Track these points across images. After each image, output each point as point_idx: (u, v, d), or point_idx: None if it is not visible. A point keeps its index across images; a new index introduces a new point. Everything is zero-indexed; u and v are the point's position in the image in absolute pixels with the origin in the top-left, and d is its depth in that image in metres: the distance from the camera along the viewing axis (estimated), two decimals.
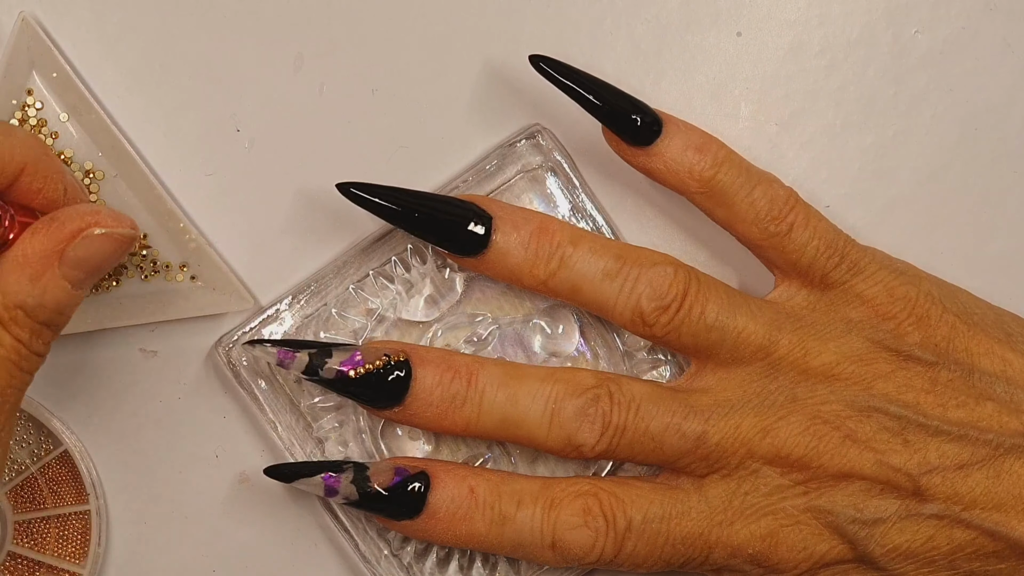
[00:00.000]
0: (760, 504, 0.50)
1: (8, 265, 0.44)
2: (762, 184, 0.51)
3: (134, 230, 0.46)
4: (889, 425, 0.50)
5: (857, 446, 0.49)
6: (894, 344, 0.50)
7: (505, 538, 0.50)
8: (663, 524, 0.50)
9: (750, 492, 0.50)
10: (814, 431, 0.49)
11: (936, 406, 0.50)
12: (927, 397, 0.50)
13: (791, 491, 0.50)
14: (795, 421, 0.50)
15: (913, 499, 0.49)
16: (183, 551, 0.55)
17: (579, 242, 0.50)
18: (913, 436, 0.50)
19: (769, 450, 0.50)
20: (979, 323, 0.51)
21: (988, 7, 0.55)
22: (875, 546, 0.49)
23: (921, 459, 0.49)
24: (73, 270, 0.45)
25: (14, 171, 0.45)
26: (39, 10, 0.54)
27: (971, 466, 0.50)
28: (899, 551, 0.50)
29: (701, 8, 0.55)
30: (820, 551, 0.50)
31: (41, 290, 0.44)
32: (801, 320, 0.51)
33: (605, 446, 0.50)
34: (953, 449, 0.50)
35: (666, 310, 0.50)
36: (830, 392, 0.50)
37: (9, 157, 0.44)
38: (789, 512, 0.50)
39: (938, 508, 0.49)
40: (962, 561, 0.50)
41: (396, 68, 0.54)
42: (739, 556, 0.50)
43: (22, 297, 0.44)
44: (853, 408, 0.50)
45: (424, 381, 0.50)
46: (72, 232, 0.45)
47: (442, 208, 0.50)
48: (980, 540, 0.50)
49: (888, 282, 0.51)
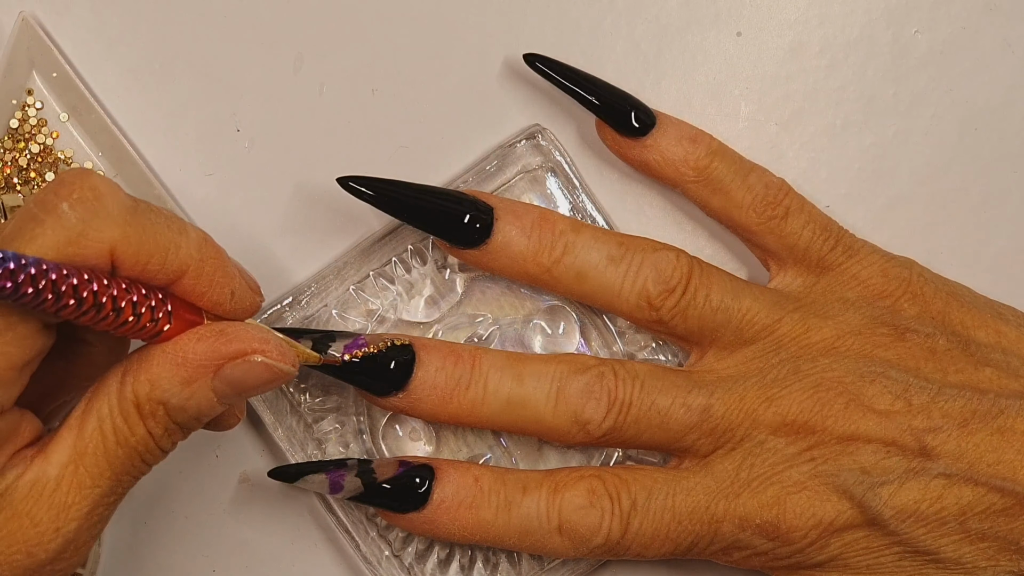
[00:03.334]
0: (767, 474, 0.50)
1: (164, 360, 0.44)
2: (756, 171, 0.52)
3: (294, 368, 0.45)
4: (892, 388, 0.50)
5: (861, 409, 0.50)
6: (891, 319, 0.51)
7: (512, 525, 0.50)
8: (668, 500, 0.50)
9: (756, 463, 0.50)
10: (818, 397, 0.50)
11: (936, 371, 0.51)
12: (927, 364, 0.51)
13: (797, 459, 0.50)
14: (799, 388, 0.50)
15: (919, 458, 0.50)
16: (183, 551, 0.55)
17: (581, 230, 0.51)
18: (916, 398, 0.50)
19: (774, 418, 0.50)
20: (971, 303, 0.52)
21: (988, 7, 0.55)
22: (883, 507, 0.49)
23: (925, 419, 0.50)
24: (224, 385, 0.44)
25: (176, 271, 0.44)
26: (39, 10, 0.54)
27: (974, 424, 0.50)
28: (908, 512, 0.50)
29: (701, 8, 0.55)
30: (829, 516, 0.50)
31: (188, 395, 0.44)
32: (800, 301, 0.52)
33: (611, 422, 0.50)
34: (956, 408, 0.50)
35: (672, 292, 0.50)
36: (832, 362, 0.50)
37: (173, 257, 0.43)
38: (796, 479, 0.50)
39: (944, 466, 0.50)
40: (973, 521, 0.50)
41: (396, 68, 0.54)
42: (748, 528, 0.50)
43: (169, 395, 0.44)
44: (855, 375, 0.50)
45: (428, 364, 0.50)
46: (236, 352, 0.44)
47: (443, 200, 0.51)
48: (989, 497, 0.50)
49: (882, 264, 0.52)
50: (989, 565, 0.50)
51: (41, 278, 0.39)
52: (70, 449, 0.43)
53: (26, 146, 0.53)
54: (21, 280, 0.39)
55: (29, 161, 0.53)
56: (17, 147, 0.54)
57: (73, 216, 0.41)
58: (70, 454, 0.43)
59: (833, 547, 0.50)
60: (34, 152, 0.53)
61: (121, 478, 0.44)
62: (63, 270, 0.40)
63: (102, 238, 0.42)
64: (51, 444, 0.43)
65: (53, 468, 0.43)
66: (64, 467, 0.43)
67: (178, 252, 0.43)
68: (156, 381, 0.43)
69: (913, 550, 0.50)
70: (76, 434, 0.43)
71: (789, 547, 0.50)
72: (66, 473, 0.43)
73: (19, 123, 0.53)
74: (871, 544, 0.50)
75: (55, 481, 0.43)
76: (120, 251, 0.42)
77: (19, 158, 0.53)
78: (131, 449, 0.44)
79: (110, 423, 0.43)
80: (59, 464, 0.43)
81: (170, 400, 0.44)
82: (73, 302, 0.41)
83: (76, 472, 0.43)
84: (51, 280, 0.40)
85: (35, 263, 0.39)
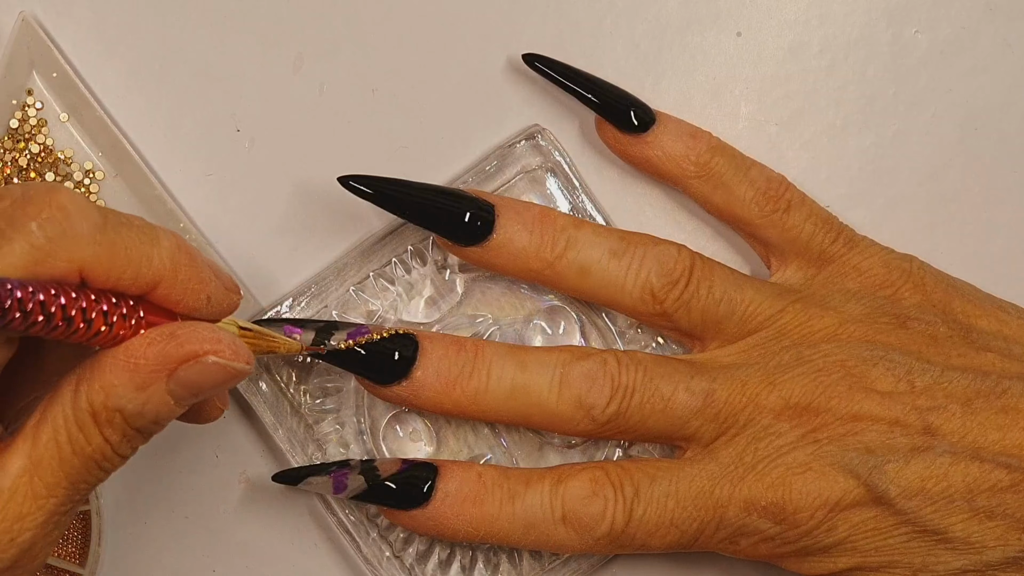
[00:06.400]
0: (771, 457, 0.50)
1: (116, 367, 0.43)
2: (756, 166, 0.53)
3: (249, 365, 0.44)
4: (895, 371, 0.50)
5: (864, 390, 0.50)
6: (893, 309, 0.51)
7: (516, 517, 0.50)
8: (672, 486, 0.50)
9: (760, 447, 0.50)
10: (821, 380, 0.50)
11: (938, 355, 0.51)
12: (929, 349, 0.51)
13: (801, 441, 0.50)
14: (802, 372, 0.50)
15: (923, 436, 0.50)
16: (183, 551, 0.55)
17: (582, 226, 0.51)
18: (919, 380, 0.50)
19: (777, 402, 0.50)
20: (972, 295, 0.53)
21: (988, 7, 0.55)
22: (889, 485, 0.49)
23: (928, 398, 0.50)
24: (180, 388, 0.43)
25: (148, 283, 0.43)
26: (39, 10, 0.53)
27: (978, 402, 0.50)
28: (914, 490, 0.49)
29: (701, 8, 0.55)
30: (835, 495, 0.50)
31: (144, 400, 0.43)
32: (802, 292, 0.52)
33: (615, 408, 0.50)
34: (959, 387, 0.50)
35: (675, 285, 0.51)
36: (835, 347, 0.51)
37: (146, 270, 0.43)
38: (801, 460, 0.50)
39: (949, 444, 0.50)
40: (980, 499, 0.50)
41: (396, 68, 0.54)
42: (753, 511, 0.50)
43: (124, 402, 0.43)
44: (858, 359, 0.50)
45: (431, 353, 0.50)
46: (189, 354, 0.43)
47: (444, 198, 0.51)
48: (996, 474, 0.50)
49: (883, 255, 0.52)
50: (998, 544, 0.50)
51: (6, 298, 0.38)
52: (25, 459, 0.42)
53: (26, 146, 0.53)
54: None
55: (29, 161, 0.53)
56: (17, 147, 0.54)
57: (41, 236, 0.40)
58: (24, 464, 0.42)
59: (841, 529, 0.50)
60: (34, 152, 0.53)
61: (78, 487, 0.43)
62: (28, 288, 0.39)
63: (71, 257, 0.41)
64: (5, 454, 0.42)
65: (7, 479, 0.42)
66: (19, 477, 0.42)
67: (150, 264, 0.43)
68: (110, 388, 0.43)
69: (922, 529, 0.50)
70: (31, 444, 0.42)
71: (796, 530, 0.50)
72: (20, 484, 0.42)
73: (19, 123, 0.53)
74: (879, 525, 0.50)
75: (9, 492, 0.42)
76: (90, 269, 0.41)
77: (19, 158, 0.53)
78: (87, 458, 0.43)
79: (65, 433, 0.43)
80: (13, 475, 0.42)
81: (126, 407, 0.43)
82: (42, 319, 0.40)
83: (31, 483, 0.42)
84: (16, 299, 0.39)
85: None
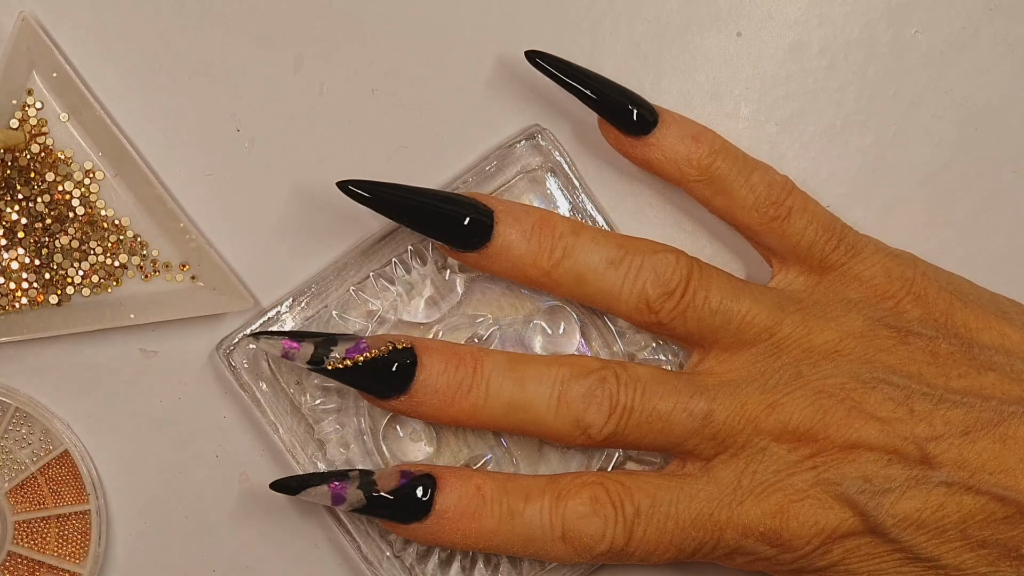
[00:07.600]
0: (769, 481, 0.50)
1: None
2: (759, 170, 0.52)
3: None
4: (894, 395, 0.50)
5: (863, 416, 0.50)
6: (894, 321, 0.51)
7: (515, 534, 0.50)
8: (672, 507, 0.50)
9: (758, 470, 0.50)
10: (820, 404, 0.50)
11: (939, 376, 0.50)
12: (929, 368, 0.50)
13: (799, 467, 0.50)
14: (801, 396, 0.50)
15: (921, 467, 0.50)
16: (183, 551, 0.55)
17: (581, 232, 0.51)
18: (918, 405, 0.50)
19: (776, 425, 0.50)
20: (975, 301, 0.52)
21: (988, 7, 0.55)
22: (885, 516, 0.49)
23: (927, 427, 0.50)
24: None
25: None
26: (39, 10, 0.53)
27: (977, 432, 0.50)
28: (910, 520, 0.50)
29: (701, 8, 0.55)
30: (831, 524, 0.50)
31: None
32: (802, 302, 0.51)
33: (613, 427, 0.50)
34: (958, 416, 0.50)
35: (671, 295, 0.50)
36: (834, 367, 0.50)
37: None
38: (798, 487, 0.50)
39: (946, 475, 0.50)
40: (974, 529, 0.50)
41: (396, 68, 0.54)
42: (751, 535, 0.50)
43: None
44: (858, 381, 0.50)
45: (430, 368, 0.50)
46: None
47: (443, 203, 0.50)
48: (990, 506, 0.50)
49: (885, 263, 0.52)
50: (990, 571, 0.50)
51: None
52: None
53: (26, 146, 0.53)
54: None
55: (29, 161, 0.53)
56: None
57: None
58: None
59: (835, 553, 0.50)
60: (34, 152, 0.53)
61: None
62: None
63: None
64: None
65: None
66: None
67: None
68: None
69: (914, 557, 0.50)
70: None
71: (791, 553, 0.50)
72: None
73: (19, 123, 0.53)
74: (873, 551, 0.50)
75: None
76: None
77: (19, 158, 0.53)
78: None
79: None
80: None
81: None
82: None
83: None
84: None
85: None
